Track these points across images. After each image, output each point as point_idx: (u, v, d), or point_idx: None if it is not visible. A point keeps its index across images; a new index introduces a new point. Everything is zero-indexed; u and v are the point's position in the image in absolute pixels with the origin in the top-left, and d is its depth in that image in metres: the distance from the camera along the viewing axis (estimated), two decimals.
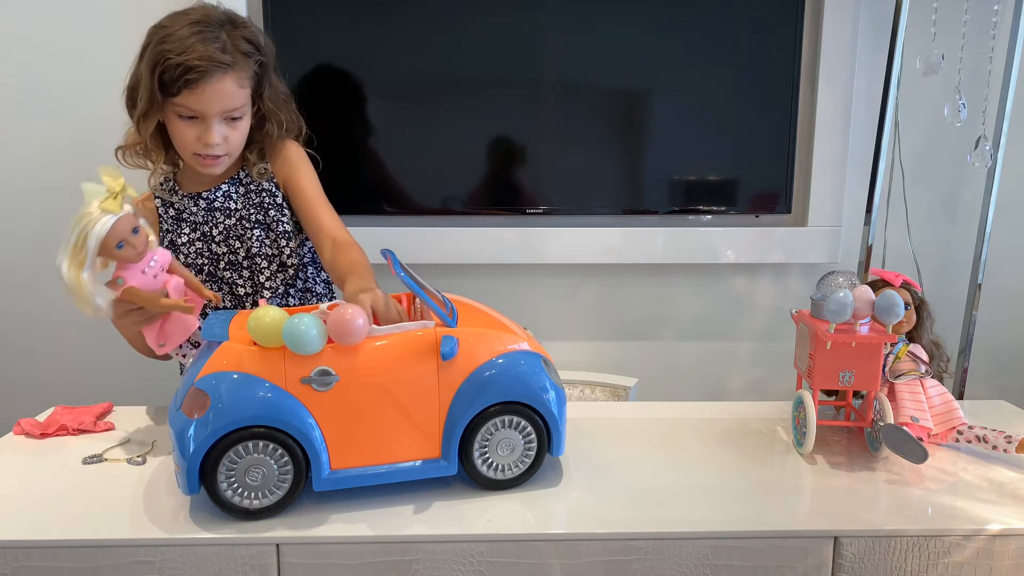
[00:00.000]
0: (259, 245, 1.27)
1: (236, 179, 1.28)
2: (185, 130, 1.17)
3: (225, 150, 1.20)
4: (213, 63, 1.12)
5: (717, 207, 1.74)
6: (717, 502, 0.90)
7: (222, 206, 1.27)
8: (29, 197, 1.72)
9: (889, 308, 0.97)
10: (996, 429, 1.03)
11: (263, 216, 1.27)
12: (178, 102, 1.14)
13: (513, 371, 0.90)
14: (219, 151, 1.19)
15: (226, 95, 1.15)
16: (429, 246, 1.71)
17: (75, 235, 0.90)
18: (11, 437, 1.09)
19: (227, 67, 1.14)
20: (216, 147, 1.18)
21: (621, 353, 1.85)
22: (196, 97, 1.13)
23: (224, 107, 1.16)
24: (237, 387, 0.83)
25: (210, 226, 1.26)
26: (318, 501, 0.89)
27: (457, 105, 1.67)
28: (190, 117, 1.16)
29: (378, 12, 1.62)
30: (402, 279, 0.91)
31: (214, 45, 1.13)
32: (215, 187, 1.27)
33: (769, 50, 1.67)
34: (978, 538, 0.84)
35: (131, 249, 0.94)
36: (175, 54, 1.11)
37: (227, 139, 1.19)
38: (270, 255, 1.28)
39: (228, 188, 1.27)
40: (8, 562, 0.81)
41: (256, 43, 1.19)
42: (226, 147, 1.20)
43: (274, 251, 1.28)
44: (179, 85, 1.12)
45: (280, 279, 1.29)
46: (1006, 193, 1.65)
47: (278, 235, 1.28)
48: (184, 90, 1.12)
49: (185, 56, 1.10)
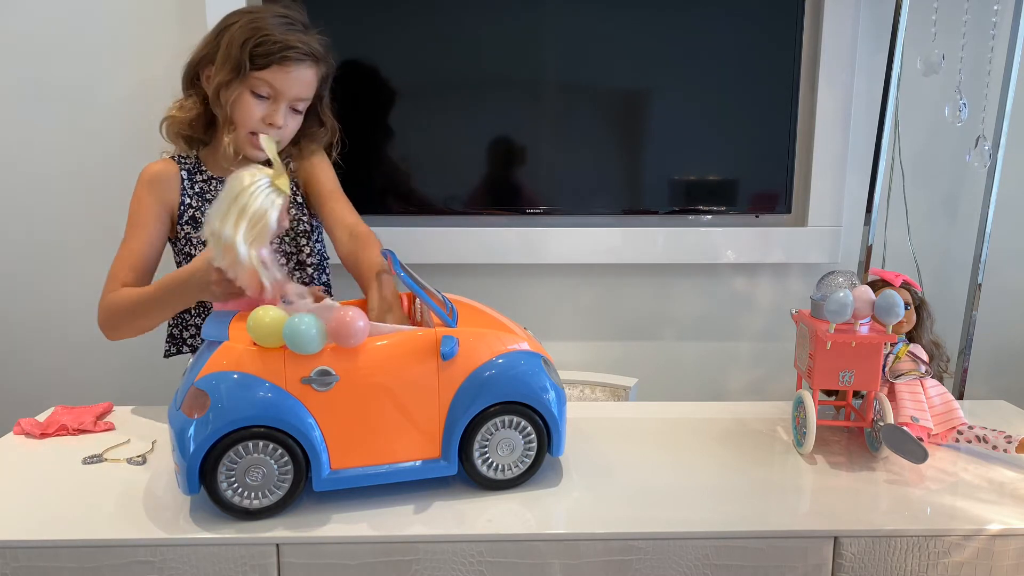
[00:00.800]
0: (279, 241, 1.28)
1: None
2: (254, 107, 1.21)
3: (279, 137, 1.24)
4: (310, 50, 1.21)
5: (717, 207, 1.74)
6: (717, 502, 0.90)
7: None
8: (29, 198, 1.72)
9: (889, 308, 0.97)
10: (996, 429, 1.03)
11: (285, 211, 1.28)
12: (263, 76, 1.19)
13: (513, 371, 0.90)
14: (275, 136, 1.23)
15: (305, 83, 1.23)
16: (429, 246, 1.71)
17: (254, 208, 0.88)
18: (11, 437, 1.09)
19: (317, 60, 1.23)
20: (277, 131, 1.23)
21: (621, 353, 1.85)
22: (283, 76, 1.20)
23: (299, 94, 1.23)
24: (237, 387, 0.83)
25: None
26: (318, 501, 0.89)
27: (457, 105, 1.67)
28: (263, 96, 1.21)
29: (377, 13, 1.62)
30: (402, 279, 0.91)
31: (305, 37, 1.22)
32: None
33: (769, 50, 1.67)
34: (978, 538, 0.84)
35: (279, 229, 0.93)
36: (275, 33, 1.19)
37: (286, 127, 1.25)
38: (289, 252, 1.30)
39: None
40: (8, 562, 0.81)
41: (327, 50, 1.27)
42: (281, 134, 1.25)
43: (293, 248, 1.30)
44: (272, 60, 1.18)
45: (296, 277, 1.30)
46: (1006, 193, 1.65)
47: (298, 233, 1.30)
48: (275, 66, 1.19)
49: (285, 36, 1.19)
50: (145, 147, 1.61)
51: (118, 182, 1.69)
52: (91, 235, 1.72)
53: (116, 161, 1.67)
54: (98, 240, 1.72)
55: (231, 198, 0.89)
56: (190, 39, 1.27)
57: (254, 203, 0.88)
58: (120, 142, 1.68)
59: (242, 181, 0.89)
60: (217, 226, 0.88)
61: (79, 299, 1.76)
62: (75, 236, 1.73)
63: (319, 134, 1.33)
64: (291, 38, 1.19)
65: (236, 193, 0.89)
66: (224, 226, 0.88)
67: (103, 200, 1.69)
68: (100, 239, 1.71)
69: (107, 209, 1.70)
